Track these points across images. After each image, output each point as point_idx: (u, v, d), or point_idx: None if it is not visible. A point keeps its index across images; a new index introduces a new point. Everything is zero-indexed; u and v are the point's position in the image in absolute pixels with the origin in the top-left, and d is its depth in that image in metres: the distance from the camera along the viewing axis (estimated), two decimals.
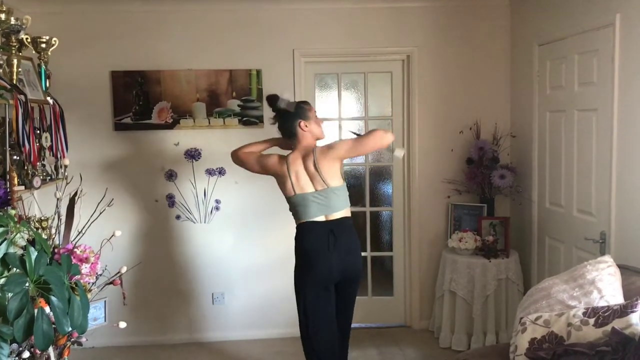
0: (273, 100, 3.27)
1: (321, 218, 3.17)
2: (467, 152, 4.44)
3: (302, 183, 3.18)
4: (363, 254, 4.61)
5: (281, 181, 3.25)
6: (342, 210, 3.22)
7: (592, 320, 2.26)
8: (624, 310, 2.22)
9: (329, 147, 3.23)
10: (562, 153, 3.75)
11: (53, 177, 3.19)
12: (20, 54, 3.06)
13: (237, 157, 3.39)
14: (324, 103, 4.56)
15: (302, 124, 3.23)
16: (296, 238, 3.26)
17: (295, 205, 3.22)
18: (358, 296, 3.45)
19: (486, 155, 4.33)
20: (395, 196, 4.65)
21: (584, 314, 2.31)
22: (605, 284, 2.48)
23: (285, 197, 3.26)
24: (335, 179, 3.19)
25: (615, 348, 2.08)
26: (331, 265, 3.14)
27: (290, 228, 4.48)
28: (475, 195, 4.45)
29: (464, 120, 4.46)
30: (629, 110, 3.05)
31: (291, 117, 3.23)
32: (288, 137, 3.29)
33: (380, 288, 4.76)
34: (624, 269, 2.65)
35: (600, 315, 2.26)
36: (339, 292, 3.27)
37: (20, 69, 3.01)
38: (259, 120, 4.36)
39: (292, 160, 3.20)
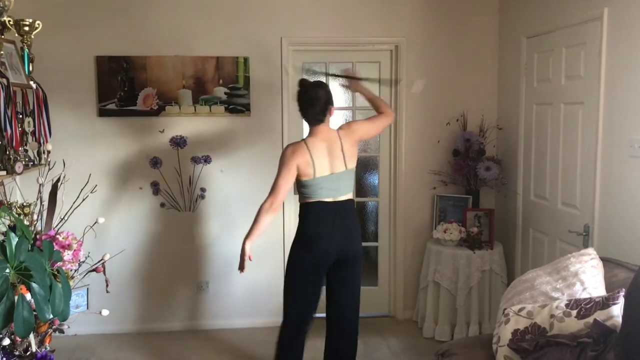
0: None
1: (329, 199, 3.22)
2: (453, 144, 4.45)
3: (322, 166, 3.20)
4: None
5: (303, 168, 3.18)
6: (349, 193, 3.31)
7: (574, 312, 2.28)
8: (605, 303, 2.24)
9: (350, 129, 3.32)
10: (548, 146, 3.77)
11: (35, 162, 3.14)
12: (3, 36, 3.01)
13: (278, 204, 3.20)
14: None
15: (332, 109, 3.29)
16: (301, 216, 3.28)
17: (308, 187, 3.21)
18: None
19: (472, 147, 4.35)
20: (381, 187, 4.66)
21: (567, 305, 2.33)
22: (588, 276, 2.50)
23: (300, 180, 3.21)
24: (353, 161, 3.30)
25: (596, 340, 2.09)
26: (331, 244, 3.20)
27: (274, 217, 4.48)
28: (460, 187, 4.47)
29: (450, 111, 4.47)
30: (615, 105, 3.07)
31: (328, 102, 3.24)
32: (315, 122, 3.25)
33: (364, 278, 4.68)
34: (606, 261, 2.67)
35: (583, 307, 2.28)
36: (336, 275, 3.30)
37: (2, 52, 2.96)
38: (246, 108, 4.33)
39: (313, 146, 3.20)
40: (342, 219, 3.23)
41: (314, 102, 3.21)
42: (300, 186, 3.25)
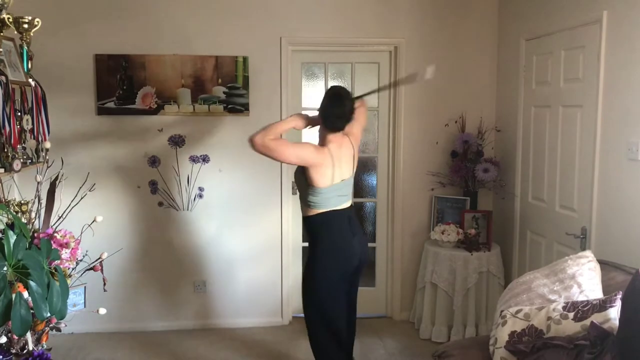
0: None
1: (340, 206, 3.16)
2: (451, 145, 4.46)
3: (338, 173, 3.10)
4: None
5: (319, 171, 3.03)
6: (351, 199, 3.29)
7: (571, 315, 2.29)
8: (602, 305, 2.25)
9: (354, 135, 3.26)
10: (546, 148, 3.78)
11: (34, 160, 3.13)
12: (2, 33, 3.00)
13: (266, 146, 2.93)
14: (311, 92, 4.54)
15: (356, 111, 3.17)
16: (317, 227, 3.14)
17: (324, 194, 3.08)
18: None
19: (471, 149, 4.35)
20: (380, 187, 4.66)
21: (564, 308, 2.33)
22: (585, 278, 2.50)
23: (313, 187, 3.06)
24: (355, 166, 3.28)
25: (593, 342, 2.10)
26: (355, 251, 3.18)
27: (273, 217, 4.48)
28: (458, 189, 4.47)
29: (449, 113, 4.47)
30: (613, 108, 3.07)
31: (351, 103, 3.10)
32: (341, 126, 3.10)
33: (362, 279, 4.75)
34: (603, 264, 2.68)
35: (580, 310, 2.28)
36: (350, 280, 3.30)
37: (1, 50, 2.95)
38: (245, 107, 4.32)
39: (334, 150, 3.08)
40: (353, 225, 3.22)
41: (347, 116, 3.09)
42: (312, 195, 3.09)
